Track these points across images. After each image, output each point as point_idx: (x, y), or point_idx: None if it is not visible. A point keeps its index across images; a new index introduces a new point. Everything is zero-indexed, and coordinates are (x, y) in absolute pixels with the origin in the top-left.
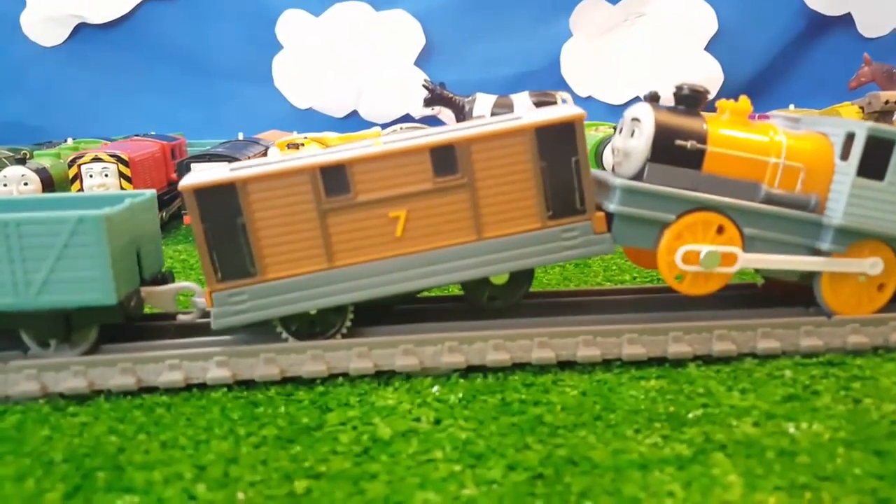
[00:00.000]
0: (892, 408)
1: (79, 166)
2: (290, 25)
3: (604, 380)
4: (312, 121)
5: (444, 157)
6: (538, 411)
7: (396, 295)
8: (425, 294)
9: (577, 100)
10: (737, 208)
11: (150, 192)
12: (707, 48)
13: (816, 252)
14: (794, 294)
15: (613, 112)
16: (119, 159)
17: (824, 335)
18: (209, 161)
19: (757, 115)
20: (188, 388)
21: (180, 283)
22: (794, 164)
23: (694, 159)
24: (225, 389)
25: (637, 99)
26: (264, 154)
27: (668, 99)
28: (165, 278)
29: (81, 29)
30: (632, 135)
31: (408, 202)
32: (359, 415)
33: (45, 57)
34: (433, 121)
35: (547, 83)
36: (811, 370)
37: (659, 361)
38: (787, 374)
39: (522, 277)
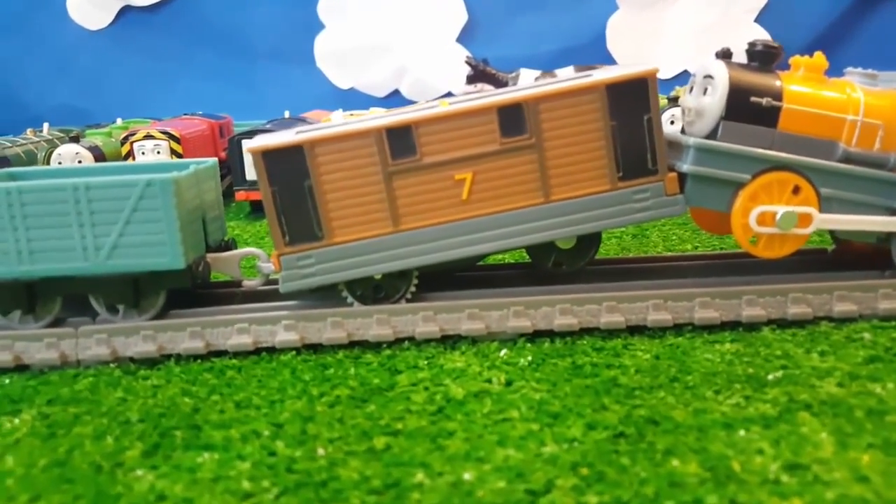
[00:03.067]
0: None
1: (131, 143)
2: (332, 4)
3: (676, 343)
4: (354, 100)
5: (512, 117)
6: (612, 374)
7: (462, 259)
8: (490, 260)
9: None
10: (814, 167)
11: (213, 160)
12: (757, 20)
13: (895, 213)
14: (867, 259)
15: (661, 85)
16: (171, 136)
17: None
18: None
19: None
20: (257, 351)
21: (245, 249)
22: (872, 121)
23: (769, 117)
24: (294, 353)
25: (685, 74)
26: None
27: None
28: (229, 245)
29: (126, 12)
30: (704, 92)
31: (474, 164)
32: (429, 376)
33: (91, 40)
34: None
35: (592, 58)
36: (892, 332)
37: (732, 326)
38: (867, 336)
39: (589, 242)
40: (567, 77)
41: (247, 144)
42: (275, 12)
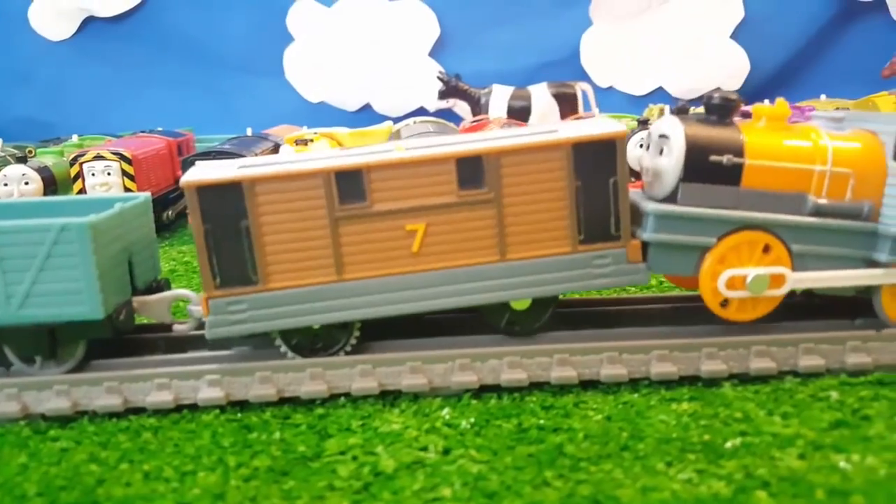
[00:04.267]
0: None
1: (80, 165)
2: (302, 16)
3: (631, 402)
4: (325, 114)
5: (471, 169)
6: (558, 440)
7: (408, 314)
8: None
9: (598, 91)
10: (783, 224)
11: (144, 196)
12: (733, 36)
13: (873, 264)
14: (838, 302)
15: (635, 103)
16: (122, 157)
17: (873, 351)
18: (214, 158)
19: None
20: (179, 408)
21: (174, 291)
22: (842, 170)
23: (732, 175)
24: (217, 411)
25: (660, 91)
26: (274, 151)
27: (685, 92)
28: (161, 286)
29: (90, 22)
30: (661, 153)
31: (427, 215)
32: (360, 442)
33: (54, 51)
34: (448, 113)
35: (567, 73)
36: (860, 391)
37: (691, 380)
38: (833, 395)
39: (545, 304)
40: (531, 131)
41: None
42: (243, 23)
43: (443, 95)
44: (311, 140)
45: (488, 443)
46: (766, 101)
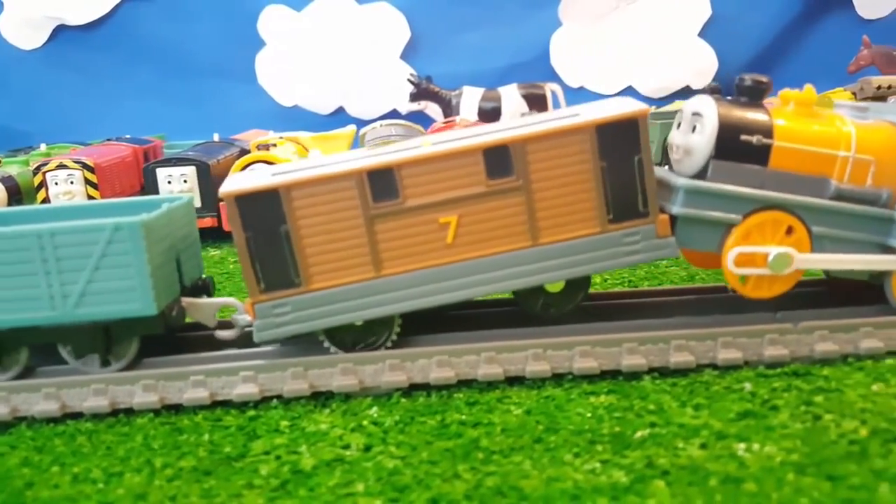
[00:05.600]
0: (853, 425)
1: (44, 174)
2: (272, 21)
3: (553, 396)
4: (298, 118)
5: (498, 159)
6: (476, 434)
7: (447, 304)
8: None
9: (569, 91)
10: (805, 206)
11: (188, 197)
12: (700, 34)
13: (888, 249)
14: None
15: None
16: (84, 166)
17: (790, 343)
18: (175, 165)
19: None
20: (115, 413)
21: (223, 299)
22: (864, 157)
23: (760, 155)
24: (152, 414)
25: (630, 90)
26: (239, 156)
27: (654, 90)
28: (206, 284)
29: (61, 31)
30: (693, 130)
31: (459, 207)
32: (286, 442)
33: (25, 60)
34: (420, 116)
35: (537, 74)
36: (773, 382)
37: (614, 374)
38: (747, 387)
39: (578, 285)
40: (554, 116)
41: (162, 173)
42: (214, 29)
43: (414, 98)
44: (274, 145)
45: (409, 439)
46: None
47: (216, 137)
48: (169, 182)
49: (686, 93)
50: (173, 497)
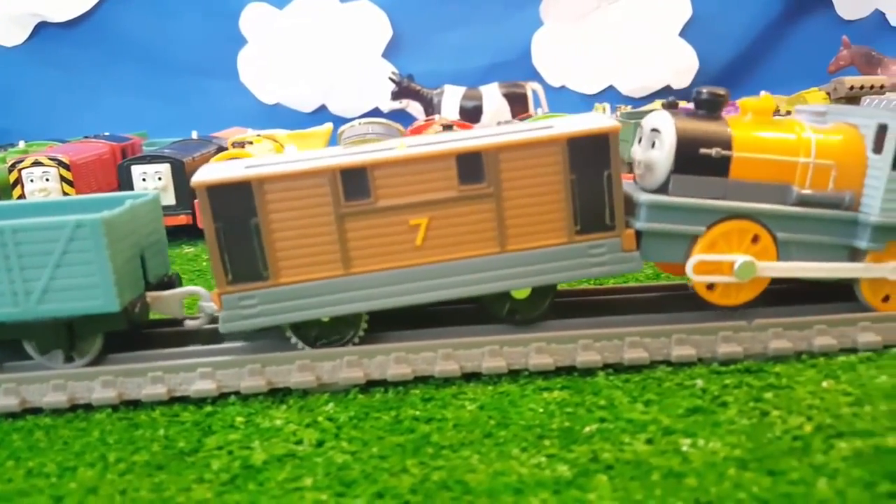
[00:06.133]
0: (799, 421)
1: (19, 171)
2: (254, 19)
3: (507, 391)
4: (281, 116)
5: (471, 165)
6: (428, 429)
7: (413, 305)
8: None
9: (550, 90)
10: (769, 213)
11: (154, 194)
12: (681, 34)
13: (854, 251)
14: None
15: (587, 102)
16: (60, 163)
17: (744, 341)
18: (150, 163)
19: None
20: (74, 409)
21: (187, 288)
22: (824, 161)
23: (720, 166)
24: (110, 410)
25: (611, 89)
26: (215, 154)
27: (635, 90)
28: (172, 281)
29: (42, 28)
30: (652, 146)
31: (430, 210)
32: (239, 438)
33: (7, 57)
34: (402, 114)
35: (519, 73)
36: (725, 379)
37: (569, 370)
38: (699, 383)
39: (544, 293)
40: (527, 128)
41: (137, 170)
42: (196, 27)
43: (395, 96)
44: (250, 142)
45: (362, 434)
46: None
47: (195, 135)
48: (143, 179)
49: (667, 92)
50: (123, 491)
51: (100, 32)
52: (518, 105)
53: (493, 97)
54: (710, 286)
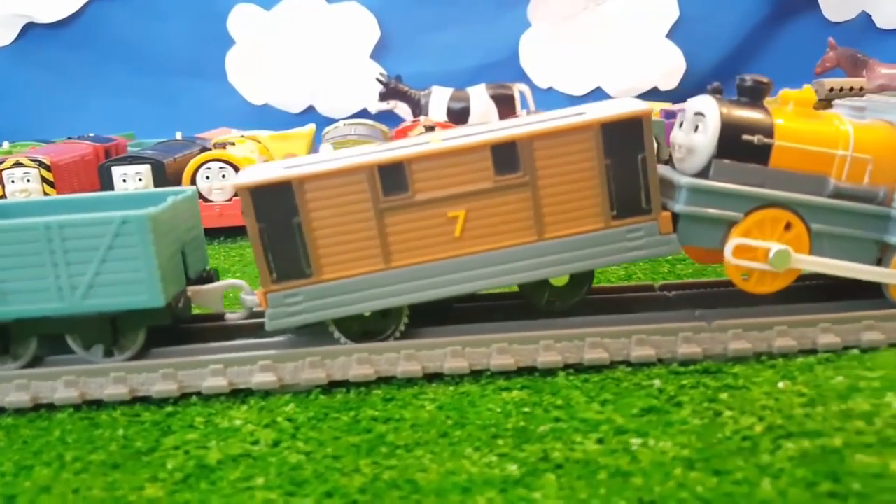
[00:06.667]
0: (750, 421)
1: (0, 172)
2: (242, 20)
3: (468, 392)
4: (269, 117)
5: (506, 155)
6: (384, 429)
7: (454, 296)
8: None
9: (538, 91)
10: (805, 204)
11: (192, 189)
12: (668, 35)
13: (884, 245)
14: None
15: (575, 103)
16: (41, 164)
17: (704, 342)
18: (130, 164)
19: None
20: (37, 408)
21: (227, 281)
22: (861, 155)
23: (760, 154)
24: (72, 410)
25: (598, 91)
26: (198, 153)
27: (623, 91)
28: (211, 276)
29: (30, 29)
30: (695, 129)
31: (467, 201)
32: (197, 437)
33: None
34: (390, 115)
35: (507, 75)
36: (683, 379)
37: (531, 371)
38: (657, 383)
39: (582, 279)
40: (561, 115)
41: (117, 171)
42: (184, 27)
43: (383, 97)
44: (233, 143)
45: (319, 435)
46: None
47: (179, 135)
48: (124, 180)
49: (654, 94)
50: (76, 490)
51: (88, 33)
52: (505, 106)
53: (480, 98)
54: (746, 274)
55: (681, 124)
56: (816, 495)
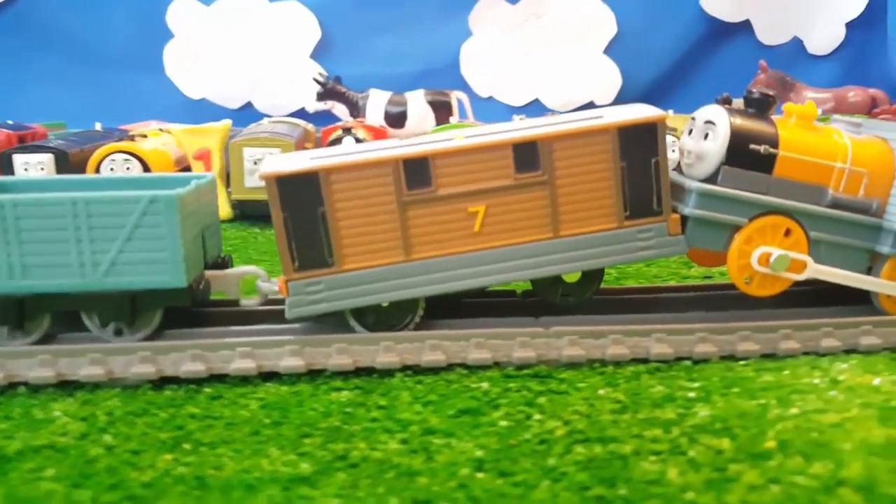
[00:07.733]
0: (554, 425)
1: None
2: (181, 13)
3: (301, 391)
4: (207, 111)
5: (527, 154)
6: (195, 427)
7: (470, 290)
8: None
9: (478, 100)
10: (806, 212)
11: (211, 175)
12: (606, 51)
13: (876, 254)
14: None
15: (508, 114)
16: None
17: (539, 347)
18: (33, 152)
19: None
20: None
21: (244, 268)
22: (858, 169)
23: (766, 163)
24: None
25: (537, 102)
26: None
27: (560, 104)
28: (226, 262)
29: None
30: (705, 137)
31: (487, 197)
32: (7, 428)
33: None
34: (327, 115)
35: (448, 82)
36: (510, 383)
37: (370, 371)
38: (484, 386)
39: (593, 275)
40: (580, 118)
41: (19, 159)
42: (121, 18)
43: (321, 97)
44: (143, 136)
45: (130, 430)
46: None
47: (98, 126)
48: (26, 169)
49: (590, 107)
50: None
51: (21, 21)
52: (442, 112)
53: (417, 103)
54: (749, 278)
55: (689, 131)
56: (585, 499)
